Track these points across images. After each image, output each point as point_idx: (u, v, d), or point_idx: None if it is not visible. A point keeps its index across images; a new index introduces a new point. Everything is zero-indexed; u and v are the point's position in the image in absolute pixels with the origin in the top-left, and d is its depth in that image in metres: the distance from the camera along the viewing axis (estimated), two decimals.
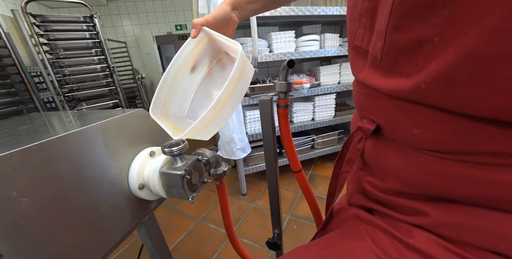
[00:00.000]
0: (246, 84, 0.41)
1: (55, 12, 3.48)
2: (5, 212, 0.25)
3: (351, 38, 0.31)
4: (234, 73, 0.36)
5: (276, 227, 0.70)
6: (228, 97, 0.37)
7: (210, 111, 0.36)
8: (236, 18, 0.48)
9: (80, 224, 0.33)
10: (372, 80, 0.28)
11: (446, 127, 0.22)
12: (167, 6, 4.11)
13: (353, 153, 0.35)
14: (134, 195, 0.42)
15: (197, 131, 0.38)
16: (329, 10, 1.30)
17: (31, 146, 0.28)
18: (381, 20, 0.24)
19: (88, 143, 0.35)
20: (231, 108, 0.40)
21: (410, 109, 0.25)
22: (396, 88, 0.24)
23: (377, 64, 0.27)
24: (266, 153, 0.60)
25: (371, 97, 0.30)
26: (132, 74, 3.74)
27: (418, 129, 0.25)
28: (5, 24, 1.46)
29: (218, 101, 0.36)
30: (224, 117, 0.41)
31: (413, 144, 0.26)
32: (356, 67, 0.32)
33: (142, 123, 0.45)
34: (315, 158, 1.75)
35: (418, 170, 0.26)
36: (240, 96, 0.41)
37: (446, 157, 0.23)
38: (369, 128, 0.31)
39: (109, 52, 1.88)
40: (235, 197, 1.44)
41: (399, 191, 0.30)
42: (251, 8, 0.49)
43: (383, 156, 0.31)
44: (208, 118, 0.37)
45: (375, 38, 0.25)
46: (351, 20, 0.31)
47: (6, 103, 1.39)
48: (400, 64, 0.23)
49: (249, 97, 1.29)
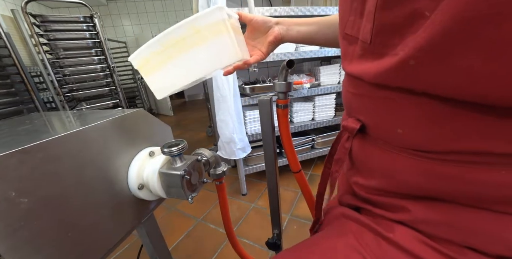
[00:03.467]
0: (217, 43, 0.38)
1: (55, 12, 3.49)
2: (4, 212, 0.25)
3: (343, 26, 0.30)
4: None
5: (275, 227, 0.70)
6: (184, 43, 0.38)
7: (156, 39, 0.37)
8: (278, 31, 0.46)
9: (80, 224, 0.33)
10: (360, 68, 0.27)
11: (429, 127, 0.23)
12: (167, 6, 4.11)
13: (342, 152, 0.36)
14: (134, 195, 0.42)
15: (144, 66, 0.41)
16: (329, 10, 1.30)
17: (30, 146, 0.28)
18: (371, 1, 0.22)
19: (87, 143, 0.35)
20: (187, 64, 0.40)
21: (394, 107, 0.25)
22: (383, 69, 0.23)
23: (366, 50, 0.25)
24: (265, 153, 0.61)
25: (358, 96, 0.30)
26: (132, 74, 3.75)
27: (402, 129, 0.25)
28: (5, 24, 1.46)
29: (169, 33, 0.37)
30: (178, 70, 0.41)
31: (396, 143, 0.26)
32: (346, 57, 0.31)
33: (142, 123, 0.45)
34: (315, 158, 1.75)
35: (401, 169, 0.27)
36: (199, 57, 0.39)
37: (429, 156, 0.24)
38: (354, 127, 0.31)
39: (109, 52, 1.88)
40: (235, 197, 1.44)
41: (383, 189, 0.30)
42: (297, 29, 0.47)
43: (369, 155, 0.31)
44: (156, 52, 0.39)
45: (365, 21, 0.24)
46: (343, 8, 0.30)
47: (6, 103, 1.39)
48: (389, 45, 0.22)
49: (249, 97, 1.29)
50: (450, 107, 0.21)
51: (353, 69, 0.28)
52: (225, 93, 1.14)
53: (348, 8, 0.28)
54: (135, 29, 4.04)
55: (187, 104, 4.74)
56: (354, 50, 0.28)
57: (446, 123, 0.22)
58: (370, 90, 0.27)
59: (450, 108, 0.21)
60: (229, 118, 1.19)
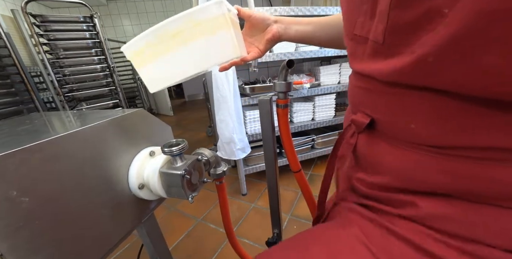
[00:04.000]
0: (215, 39, 0.38)
1: (55, 12, 3.49)
2: (5, 211, 0.25)
3: (351, 28, 0.30)
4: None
5: (276, 227, 0.71)
6: (182, 36, 0.37)
7: (152, 30, 0.37)
8: (276, 29, 0.46)
9: (80, 224, 0.33)
10: (371, 67, 0.27)
11: (441, 122, 0.23)
12: (167, 6, 4.11)
13: (346, 148, 0.35)
14: (134, 195, 0.42)
15: (137, 56, 0.40)
16: (329, 10, 1.30)
17: (31, 146, 0.28)
18: (384, 1, 0.22)
19: (88, 143, 0.35)
20: (183, 58, 0.39)
21: (407, 102, 0.25)
22: (399, 68, 0.23)
23: (378, 50, 0.25)
24: (265, 153, 0.61)
25: (368, 91, 0.30)
26: (132, 74, 3.75)
27: (415, 123, 0.25)
28: (5, 24, 1.46)
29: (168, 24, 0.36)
30: (173, 64, 0.40)
31: (407, 139, 0.26)
32: (355, 57, 0.31)
33: (142, 123, 0.45)
34: (315, 158, 1.75)
35: (410, 164, 0.27)
36: (197, 51, 0.39)
37: (440, 152, 0.24)
38: (364, 122, 0.31)
39: (109, 52, 1.88)
40: (235, 197, 1.45)
41: (390, 185, 0.30)
42: (295, 28, 0.46)
43: (376, 151, 0.31)
44: (151, 43, 0.38)
45: (377, 22, 0.24)
46: (350, 9, 0.30)
47: (6, 103, 1.39)
48: (404, 44, 0.22)
49: (249, 97, 1.29)
50: (461, 102, 0.21)
51: (364, 67, 0.28)
52: (225, 93, 1.14)
53: (357, 9, 0.28)
54: (135, 29, 4.04)
55: (187, 104, 4.73)
56: (364, 50, 0.28)
57: (457, 118, 0.22)
58: (381, 86, 0.27)
59: (461, 103, 0.21)
60: (229, 118, 1.19)
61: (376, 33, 0.24)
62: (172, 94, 5.51)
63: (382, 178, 0.31)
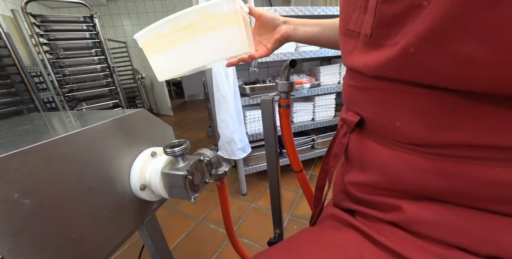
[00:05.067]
0: (227, 33, 0.39)
1: (55, 12, 3.48)
2: (6, 213, 0.25)
3: (345, 23, 0.30)
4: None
5: (277, 227, 0.70)
6: (194, 28, 0.38)
7: (166, 20, 0.38)
8: (285, 30, 0.47)
9: (82, 225, 0.33)
10: (359, 60, 0.27)
11: (426, 118, 0.23)
12: (167, 6, 4.11)
13: (339, 148, 0.36)
14: (136, 196, 0.42)
15: (149, 45, 0.41)
16: (329, 10, 1.29)
17: (32, 147, 0.27)
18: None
19: (88, 143, 0.34)
20: (193, 49, 0.40)
21: (393, 99, 0.25)
22: (384, 60, 0.23)
23: (366, 43, 0.26)
24: (267, 153, 0.60)
25: (357, 89, 0.30)
26: (132, 74, 3.74)
27: (400, 121, 0.25)
28: (5, 24, 1.46)
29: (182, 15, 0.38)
30: (183, 55, 0.41)
31: (394, 138, 0.27)
32: (346, 51, 0.31)
33: (143, 123, 0.45)
34: (315, 158, 1.75)
35: (398, 164, 0.27)
36: (211, 45, 0.40)
37: (423, 151, 0.24)
38: (353, 120, 0.31)
39: (109, 52, 1.88)
40: (235, 197, 1.44)
41: (377, 185, 0.30)
42: (303, 30, 0.48)
43: (365, 150, 0.31)
44: (163, 33, 0.39)
45: (367, 16, 0.25)
46: (346, 5, 0.30)
47: (6, 103, 1.39)
48: (388, 36, 0.23)
49: (249, 97, 1.28)
50: (446, 98, 0.21)
51: (353, 62, 0.29)
52: (225, 93, 1.14)
53: (353, 5, 0.28)
54: (135, 29, 4.03)
55: (187, 104, 4.73)
56: (355, 44, 0.28)
57: (442, 115, 0.22)
58: (369, 83, 0.27)
59: (446, 99, 0.21)
60: (229, 118, 1.18)
61: (366, 27, 0.25)
62: (172, 94, 5.51)
63: (370, 177, 0.31)
